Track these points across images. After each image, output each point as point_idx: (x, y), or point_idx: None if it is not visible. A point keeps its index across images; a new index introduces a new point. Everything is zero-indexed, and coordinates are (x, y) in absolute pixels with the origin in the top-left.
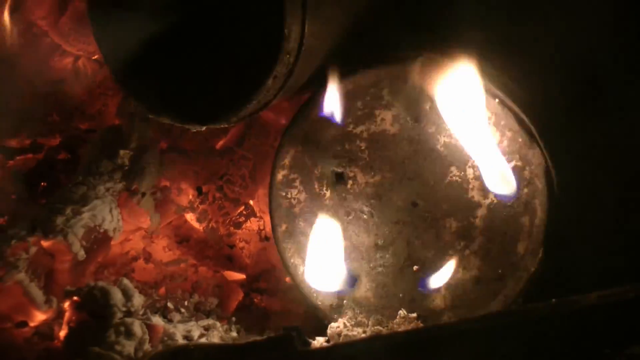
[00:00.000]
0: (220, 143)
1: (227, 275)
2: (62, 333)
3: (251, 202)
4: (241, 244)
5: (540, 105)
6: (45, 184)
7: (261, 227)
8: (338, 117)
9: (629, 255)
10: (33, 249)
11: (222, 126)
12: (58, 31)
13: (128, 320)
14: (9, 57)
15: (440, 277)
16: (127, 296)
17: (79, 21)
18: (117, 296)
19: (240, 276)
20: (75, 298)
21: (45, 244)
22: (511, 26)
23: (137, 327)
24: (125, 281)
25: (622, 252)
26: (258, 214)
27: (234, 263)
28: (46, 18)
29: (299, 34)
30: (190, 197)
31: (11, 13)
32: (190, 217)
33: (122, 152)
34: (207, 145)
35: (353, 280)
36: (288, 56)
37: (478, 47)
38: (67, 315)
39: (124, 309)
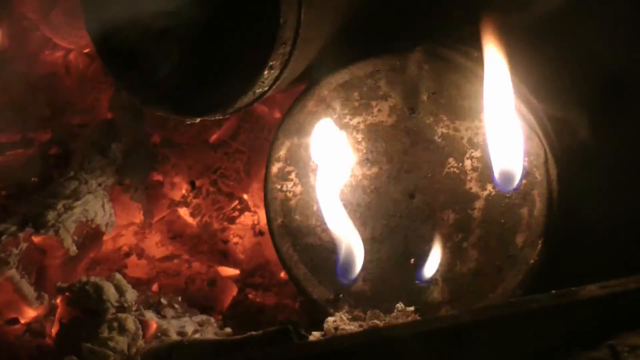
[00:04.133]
0: (214, 137)
1: (221, 271)
2: (54, 330)
3: (245, 196)
4: (235, 239)
5: (540, 96)
6: (36, 179)
7: (255, 222)
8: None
9: (629, 247)
10: (24, 245)
11: (216, 118)
12: (49, 25)
13: (121, 316)
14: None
15: (432, 267)
16: (120, 291)
17: (70, 14)
18: (110, 291)
19: (235, 271)
20: (67, 294)
21: (36, 239)
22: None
23: (131, 323)
24: (118, 276)
25: (623, 244)
26: (252, 209)
27: (228, 258)
28: (37, 11)
29: (294, 23)
30: (184, 191)
31: (1, 6)
32: (183, 211)
33: (114, 146)
34: (201, 139)
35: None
36: (284, 46)
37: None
38: (59, 311)
39: (117, 304)
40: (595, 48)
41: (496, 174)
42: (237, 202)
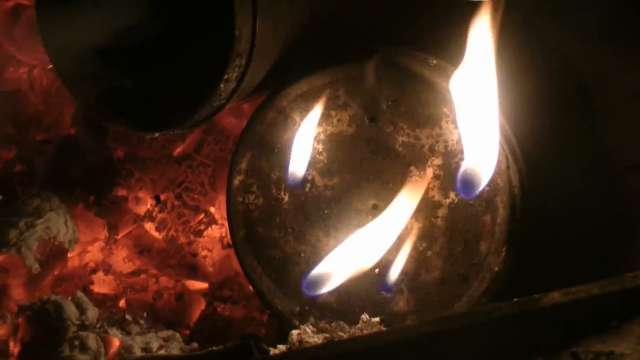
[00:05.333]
0: (178, 150)
1: (189, 285)
2: (17, 349)
3: (212, 209)
4: (204, 252)
5: (500, 99)
6: (1, 197)
7: (223, 235)
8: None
9: (595, 253)
10: None
11: (176, 132)
12: (12, 41)
13: (82, 334)
14: None
15: (395, 275)
16: (81, 309)
17: (33, 30)
18: (71, 309)
19: (203, 285)
20: (28, 313)
21: None
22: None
23: (92, 341)
24: (79, 294)
25: (589, 249)
26: (219, 221)
27: (197, 271)
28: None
29: (250, 35)
30: (149, 206)
31: None
32: (149, 226)
33: (77, 162)
34: (164, 153)
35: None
36: (239, 58)
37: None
38: (20, 331)
39: (77, 322)
40: (559, 49)
41: (458, 181)
42: (203, 215)
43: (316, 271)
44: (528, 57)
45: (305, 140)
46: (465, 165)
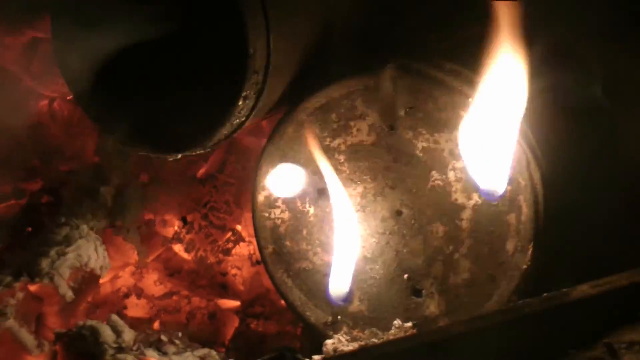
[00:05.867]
0: (201, 171)
1: (220, 304)
2: None
3: (238, 227)
4: (233, 271)
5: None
6: (30, 229)
7: (252, 252)
8: None
9: (621, 245)
10: (20, 295)
11: (198, 152)
12: (31, 75)
13: (120, 356)
14: None
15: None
16: (117, 332)
17: (51, 62)
18: (107, 333)
19: (235, 303)
20: (65, 339)
21: (32, 288)
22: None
23: None
24: (114, 317)
25: (615, 243)
26: (247, 239)
27: (227, 290)
28: (17, 63)
29: (265, 51)
30: (176, 227)
31: None
32: (178, 248)
33: (103, 189)
34: (188, 175)
35: (347, 296)
36: (256, 75)
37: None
38: (58, 358)
39: (114, 345)
40: (571, 49)
41: (481, 183)
42: (230, 233)
43: (332, 279)
44: (541, 58)
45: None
46: (487, 167)
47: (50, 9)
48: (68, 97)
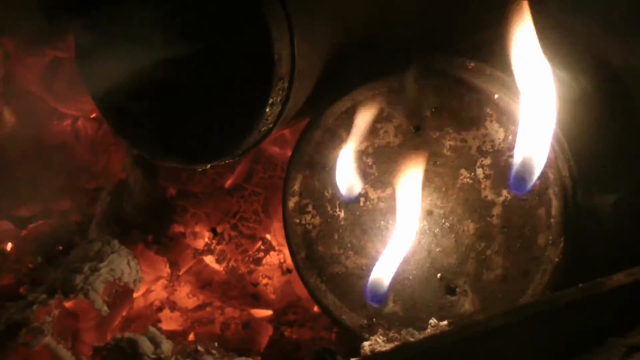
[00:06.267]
0: (229, 182)
1: (254, 313)
2: None
3: (268, 236)
4: (264, 280)
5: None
6: (61, 247)
7: (282, 260)
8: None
9: None
10: (56, 312)
11: (227, 162)
12: (53, 95)
13: None
14: (9, 128)
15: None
16: (155, 343)
17: (72, 82)
18: (145, 344)
19: (267, 312)
20: (104, 353)
21: (67, 304)
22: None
23: None
24: (152, 328)
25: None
26: (277, 248)
27: (259, 300)
28: (39, 84)
29: (289, 58)
30: (206, 239)
31: (4, 84)
32: (209, 259)
33: (132, 204)
34: (216, 186)
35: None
36: (282, 81)
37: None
38: None
39: (153, 356)
40: (590, 43)
41: (510, 178)
42: (260, 243)
43: (372, 279)
44: (560, 54)
45: (351, 156)
46: (516, 162)
47: (71, 27)
48: (91, 116)
